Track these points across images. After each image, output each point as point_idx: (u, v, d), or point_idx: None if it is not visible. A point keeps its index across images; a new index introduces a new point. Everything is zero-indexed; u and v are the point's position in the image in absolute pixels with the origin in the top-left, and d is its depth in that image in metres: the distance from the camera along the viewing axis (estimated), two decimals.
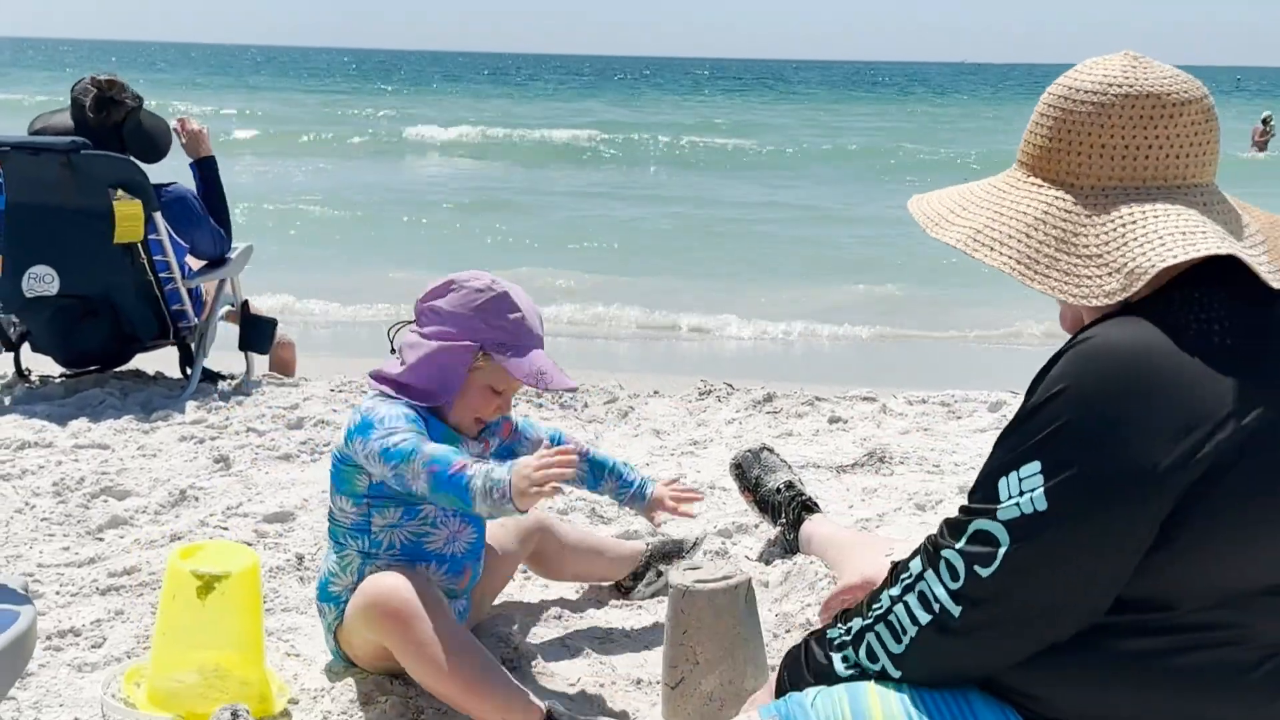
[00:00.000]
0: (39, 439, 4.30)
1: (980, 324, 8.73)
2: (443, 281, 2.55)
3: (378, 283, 9.76)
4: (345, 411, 4.80)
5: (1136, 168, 1.65)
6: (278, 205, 14.47)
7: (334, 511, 2.59)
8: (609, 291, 9.69)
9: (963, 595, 1.61)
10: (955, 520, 1.65)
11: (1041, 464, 1.56)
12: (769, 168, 21.54)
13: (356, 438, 2.45)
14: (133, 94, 4.97)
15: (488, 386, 2.53)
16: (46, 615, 2.88)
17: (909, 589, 1.69)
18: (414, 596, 2.37)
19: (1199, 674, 1.59)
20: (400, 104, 39.73)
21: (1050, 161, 1.71)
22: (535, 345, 2.53)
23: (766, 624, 2.79)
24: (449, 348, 2.49)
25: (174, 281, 5.03)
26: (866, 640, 1.73)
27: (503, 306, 2.50)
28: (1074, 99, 1.69)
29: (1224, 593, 1.57)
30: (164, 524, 3.54)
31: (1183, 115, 1.65)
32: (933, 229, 1.77)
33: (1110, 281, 1.60)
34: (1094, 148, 1.67)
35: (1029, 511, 1.56)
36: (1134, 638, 1.59)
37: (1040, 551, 1.56)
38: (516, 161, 22.19)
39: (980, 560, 1.59)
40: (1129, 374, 1.54)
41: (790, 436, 4.67)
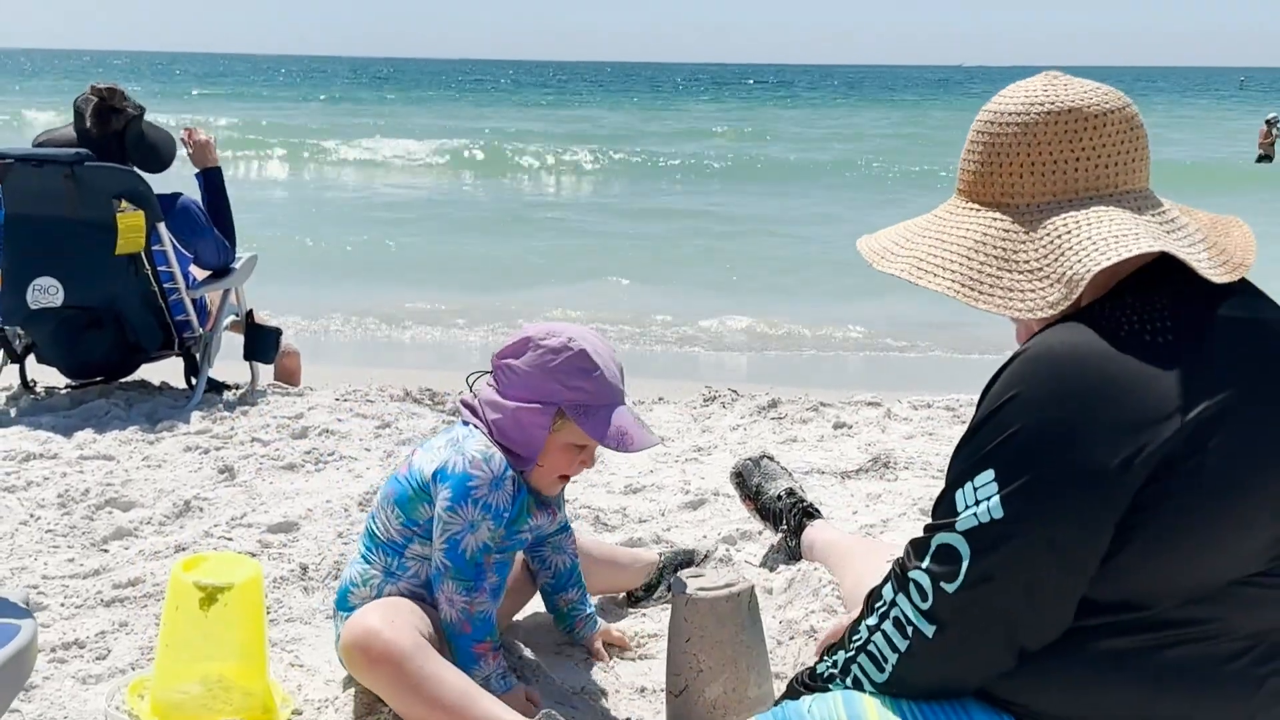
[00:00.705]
0: (44, 450, 4.31)
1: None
2: (520, 338, 2.49)
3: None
4: (350, 421, 4.81)
5: (1067, 181, 1.71)
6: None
7: (377, 523, 2.55)
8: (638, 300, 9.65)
9: (933, 614, 1.64)
10: (919, 539, 1.69)
11: (995, 472, 1.59)
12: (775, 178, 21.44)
13: (446, 487, 2.42)
14: (134, 103, 4.98)
15: (570, 445, 2.49)
16: (51, 627, 2.88)
17: (884, 617, 1.72)
18: (392, 637, 2.32)
19: (1180, 670, 1.60)
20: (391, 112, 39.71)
21: (984, 185, 1.76)
22: (616, 402, 2.47)
23: (770, 631, 2.79)
24: (527, 410, 2.45)
25: (178, 292, 5.04)
26: (852, 672, 1.76)
27: (581, 366, 2.44)
28: (999, 122, 1.75)
29: (1193, 589, 1.59)
30: (168, 535, 3.54)
31: (1105, 125, 1.71)
32: (878, 263, 1.83)
33: (1052, 292, 1.65)
34: (1023, 166, 1.72)
35: (986, 520, 1.59)
36: (1113, 637, 1.61)
37: (1001, 559, 1.58)
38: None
39: (945, 576, 1.62)
40: (1072, 377, 1.58)
41: (795, 442, 4.67)
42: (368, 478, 4.08)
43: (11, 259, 4.86)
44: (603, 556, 3.05)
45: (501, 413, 2.48)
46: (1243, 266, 1.71)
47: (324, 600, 3.10)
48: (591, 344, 2.48)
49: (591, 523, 3.70)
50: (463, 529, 2.42)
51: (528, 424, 2.45)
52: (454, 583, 2.43)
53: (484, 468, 2.43)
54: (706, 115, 41.44)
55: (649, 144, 28.49)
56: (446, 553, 2.43)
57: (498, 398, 2.49)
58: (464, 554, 2.42)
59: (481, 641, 2.45)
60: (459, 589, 2.43)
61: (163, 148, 5.02)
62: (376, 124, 31.17)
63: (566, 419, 2.45)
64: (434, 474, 2.45)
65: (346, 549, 3.40)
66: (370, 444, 4.52)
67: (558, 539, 2.74)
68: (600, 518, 3.73)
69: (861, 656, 1.75)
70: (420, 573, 2.51)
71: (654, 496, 3.97)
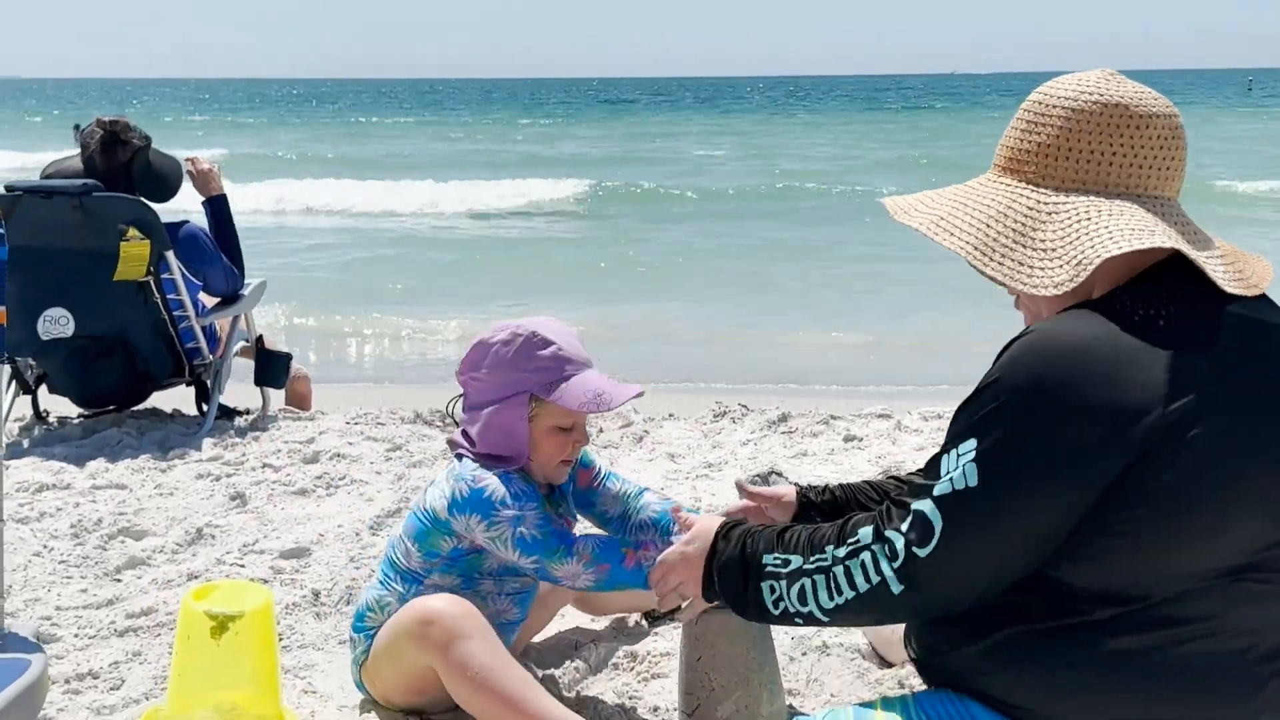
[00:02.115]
0: (57, 480, 4.32)
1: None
2: (472, 347, 2.52)
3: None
4: (361, 444, 4.82)
5: (1100, 173, 1.74)
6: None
7: (397, 552, 2.56)
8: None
9: (902, 574, 1.70)
10: (900, 503, 1.74)
11: (976, 441, 1.65)
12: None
13: (471, 515, 2.42)
14: (140, 133, 5.01)
15: (553, 428, 2.50)
16: (65, 659, 2.89)
17: (854, 554, 1.77)
18: (461, 615, 2.36)
19: (1186, 670, 1.61)
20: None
21: (1020, 162, 1.80)
22: (581, 369, 2.48)
23: (782, 647, 2.79)
24: (501, 408, 2.47)
25: (188, 319, 5.06)
26: (800, 583, 1.82)
27: (534, 345, 2.46)
28: (1047, 103, 1.79)
29: (1190, 577, 1.60)
30: (181, 563, 3.55)
31: (1148, 128, 1.74)
32: (899, 215, 1.88)
33: (1060, 273, 1.68)
34: (1062, 150, 1.76)
35: (960, 487, 1.65)
36: (1119, 636, 1.62)
37: (970, 526, 1.64)
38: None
39: (918, 541, 1.68)
40: (1063, 362, 1.61)
41: (805, 457, 4.67)
42: (379, 501, 4.09)
43: (22, 290, 4.88)
44: None
45: (480, 423, 2.49)
46: (1256, 287, 1.73)
47: (336, 625, 3.10)
48: (541, 324, 2.50)
49: None
50: (512, 528, 2.40)
51: (506, 421, 2.47)
52: (553, 562, 2.38)
53: (485, 476, 2.45)
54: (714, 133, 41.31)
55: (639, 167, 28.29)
56: (523, 552, 2.40)
57: (472, 412, 2.52)
58: (533, 539, 2.39)
59: (622, 559, 2.38)
60: (562, 560, 2.38)
61: (170, 176, 5.05)
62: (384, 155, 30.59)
63: (541, 401, 2.46)
64: (449, 510, 2.46)
65: (358, 574, 3.40)
66: (381, 467, 4.53)
67: (632, 519, 2.70)
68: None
69: (818, 577, 1.80)
70: None
71: None
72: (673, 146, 32.58)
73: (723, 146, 31.81)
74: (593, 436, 5.02)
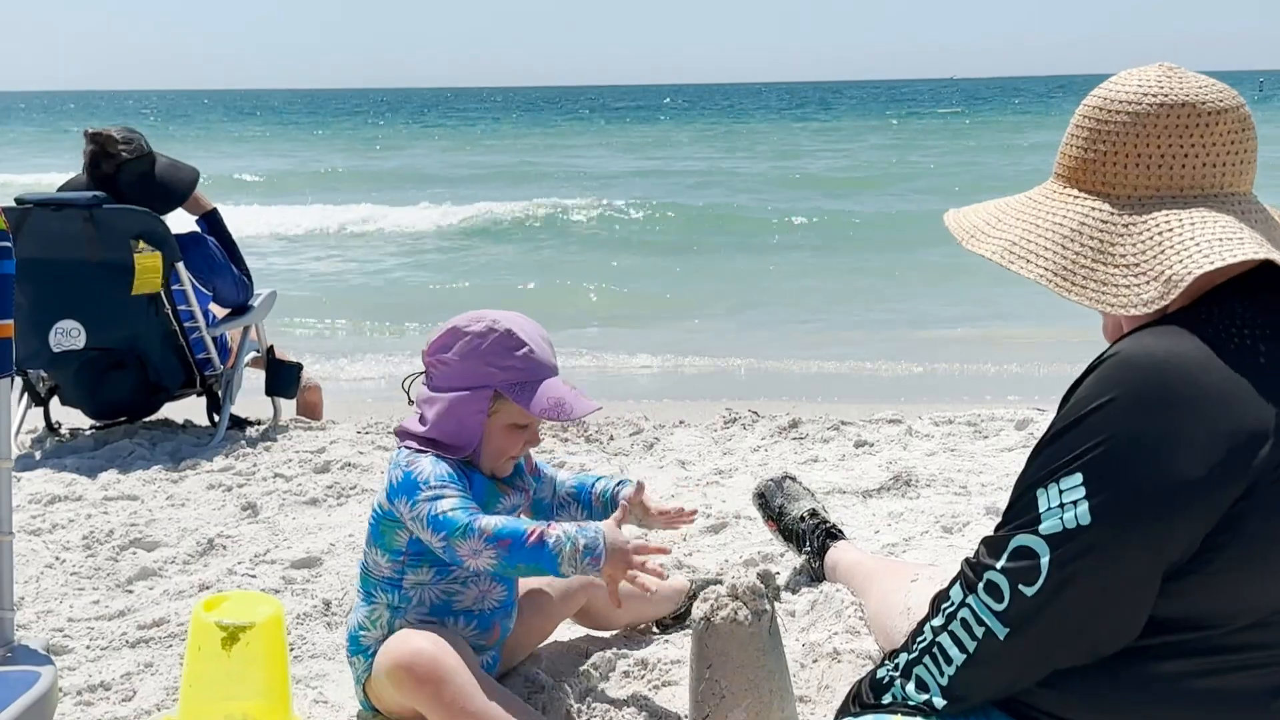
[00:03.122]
0: (69, 492, 4.33)
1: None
2: (445, 330, 2.52)
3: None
4: (372, 454, 4.83)
5: (1173, 176, 1.66)
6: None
7: (367, 563, 2.57)
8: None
9: (1008, 615, 1.60)
10: (995, 538, 1.65)
11: (1084, 476, 1.55)
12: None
13: (401, 498, 2.43)
14: (136, 145, 4.99)
15: (510, 425, 2.52)
16: (77, 670, 2.90)
17: (951, 618, 1.68)
18: (440, 656, 2.36)
19: (1229, 698, 1.58)
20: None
21: (1086, 172, 1.72)
22: (547, 375, 2.50)
23: (793, 654, 2.78)
24: (463, 398, 2.48)
25: (199, 330, 5.07)
26: (915, 674, 1.73)
27: (508, 344, 2.47)
28: (1109, 109, 1.70)
29: (1261, 611, 1.56)
30: (193, 574, 3.56)
31: (1218, 124, 1.66)
32: (969, 242, 1.79)
33: (1148, 290, 1.60)
34: (1130, 157, 1.67)
35: (1072, 526, 1.55)
36: (1169, 660, 1.58)
37: (1085, 566, 1.55)
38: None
39: (1024, 578, 1.59)
40: (1171, 386, 1.54)
41: (816, 462, 4.66)
42: None
43: (33, 303, 4.90)
44: (629, 589, 3.03)
45: (438, 405, 2.49)
46: None
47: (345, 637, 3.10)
48: (517, 323, 2.50)
49: None
50: (429, 505, 2.39)
51: (463, 412, 2.47)
52: (458, 540, 2.35)
53: (418, 460, 2.46)
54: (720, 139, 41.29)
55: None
56: (433, 529, 2.38)
57: (432, 393, 2.52)
58: (443, 518, 2.37)
59: (525, 535, 2.35)
60: (465, 537, 2.35)
61: (174, 186, 5.04)
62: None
63: (503, 400, 2.47)
64: (387, 497, 2.48)
65: None
66: None
67: (557, 496, 2.74)
68: None
69: (926, 658, 1.71)
70: (425, 599, 2.52)
71: None
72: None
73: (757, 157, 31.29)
74: (603, 445, 5.02)
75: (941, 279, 11.46)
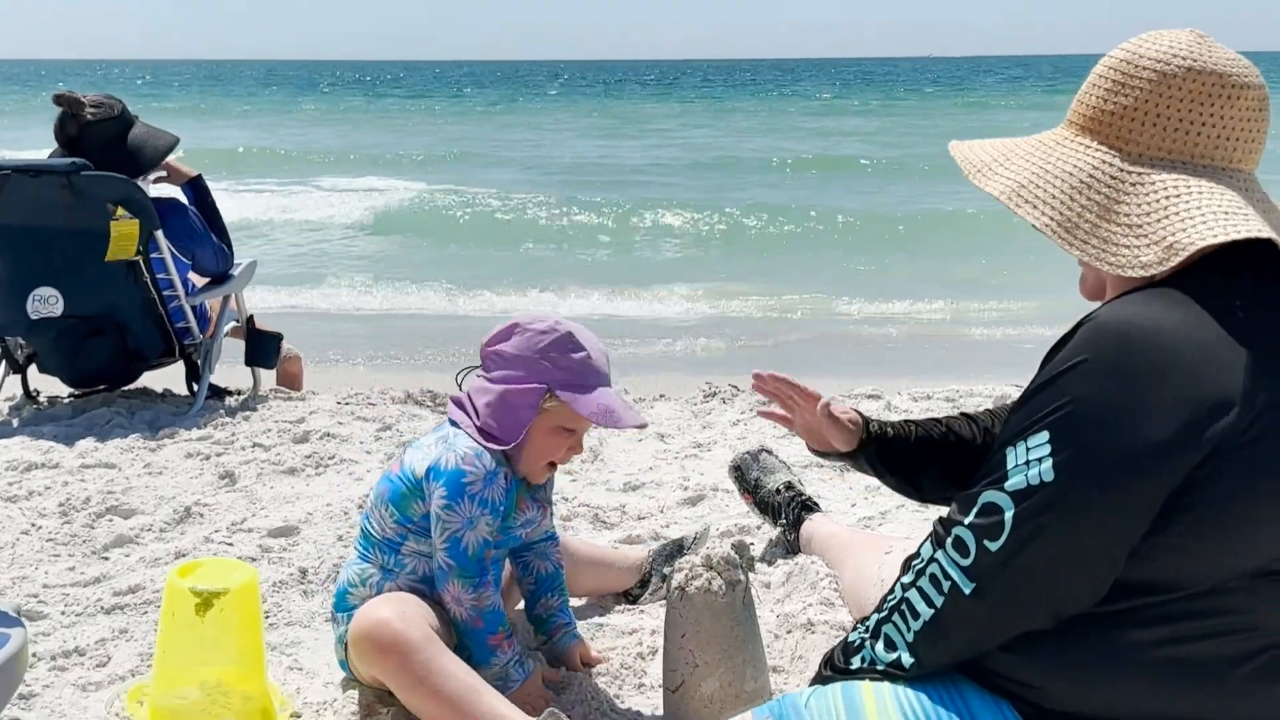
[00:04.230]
0: (46, 460, 4.32)
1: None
2: (507, 325, 2.53)
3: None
4: (351, 424, 4.82)
5: (1187, 143, 1.68)
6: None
7: (371, 520, 2.57)
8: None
9: (973, 571, 1.63)
10: (966, 495, 1.67)
11: (1050, 434, 1.58)
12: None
13: (441, 487, 2.44)
14: (105, 109, 4.92)
15: (558, 427, 2.51)
16: (51, 636, 2.89)
17: (920, 574, 1.71)
18: (404, 629, 2.35)
19: (1194, 666, 1.59)
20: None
21: (1103, 124, 1.73)
22: (602, 383, 2.51)
23: (768, 625, 2.80)
24: (517, 391, 2.48)
25: (178, 299, 5.05)
26: (884, 633, 1.75)
27: (567, 346, 2.48)
28: (1136, 64, 1.71)
29: (1226, 573, 1.58)
30: (169, 541, 3.55)
31: (1241, 99, 1.68)
32: (976, 177, 1.80)
33: (1147, 253, 1.62)
34: (1149, 115, 1.69)
35: (1035, 483, 1.58)
36: (1128, 627, 1.60)
37: (1046, 523, 1.57)
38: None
39: (989, 533, 1.61)
40: (1144, 353, 1.55)
41: (794, 436, 4.65)
42: (368, 480, 4.09)
43: (11, 270, 4.88)
44: (591, 558, 3.06)
45: (490, 395, 2.50)
46: None
47: (323, 604, 3.11)
48: (577, 328, 2.53)
49: (590, 520, 3.71)
50: (462, 526, 2.44)
51: (516, 403, 2.48)
52: (459, 581, 2.45)
53: (476, 463, 2.45)
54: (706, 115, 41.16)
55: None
56: (449, 551, 2.45)
57: (486, 383, 2.53)
58: (466, 551, 2.45)
59: (494, 634, 2.49)
60: (465, 586, 2.46)
61: (143, 151, 4.97)
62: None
63: (555, 399, 2.48)
64: (427, 471, 2.48)
65: (346, 552, 3.40)
66: (371, 446, 4.53)
67: (543, 546, 2.73)
68: (599, 515, 3.74)
69: (895, 616, 1.73)
70: (418, 569, 2.53)
71: (653, 493, 3.98)
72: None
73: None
74: None
75: (923, 255, 11.48)
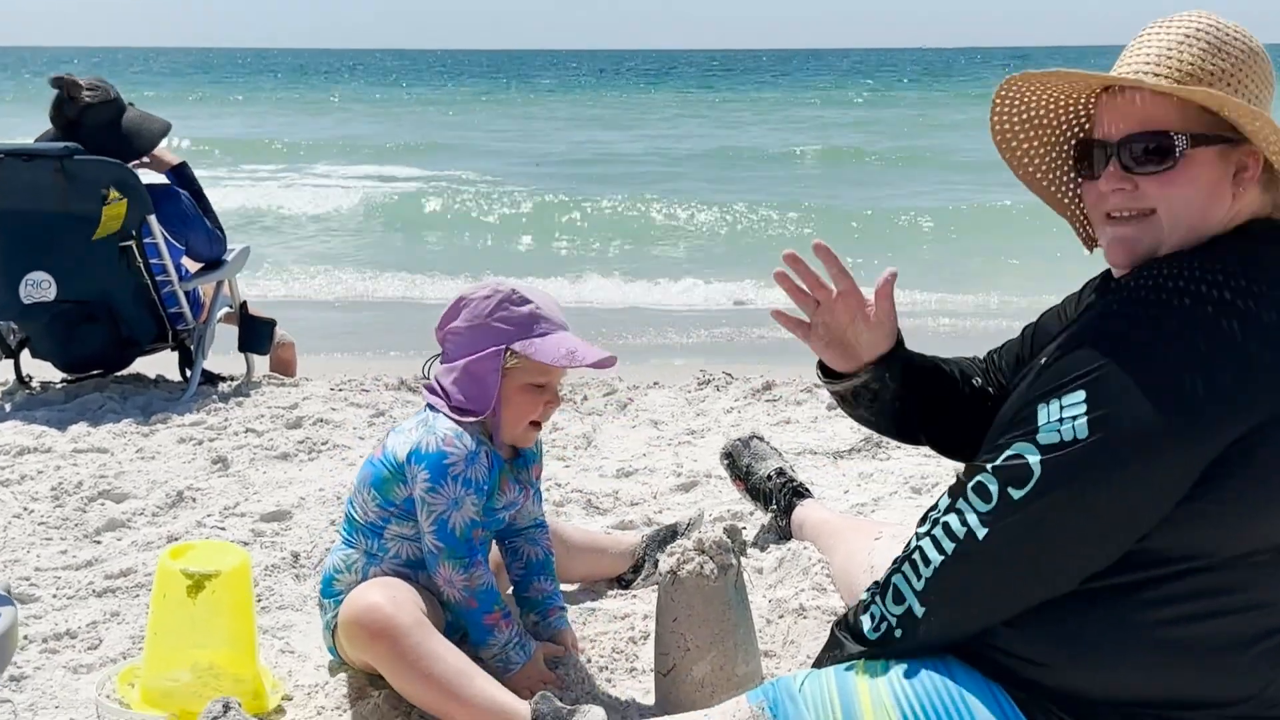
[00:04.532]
0: (38, 444, 4.31)
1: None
2: (452, 303, 2.54)
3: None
4: (345, 410, 4.82)
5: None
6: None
7: (354, 505, 2.58)
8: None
9: (990, 516, 1.62)
10: (992, 445, 1.67)
11: (1086, 394, 1.58)
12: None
13: (424, 470, 2.44)
14: (101, 92, 4.91)
15: (528, 384, 2.51)
16: (43, 619, 2.89)
17: (935, 523, 1.71)
18: (395, 614, 2.35)
19: (1200, 643, 1.60)
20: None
21: (1199, 81, 1.73)
22: (557, 329, 2.50)
23: (760, 610, 2.80)
24: (477, 359, 2.48)
25: (171, 284, 5.04)
26: (893, 584, 1.75)
27: (512, 301, 2.48)
28: (1225, 34, 1.78)
29: (1253, 545, 1.59)
30: (161, 525, 3.55)
31: (1274, 86, 1.80)
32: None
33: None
34: (1240, 83, 1.74)
35: (1069, 439, 1.58)
36: (1145, 603, 1.60)
37: (1074, 479, 1.58)
38: None
39: (1014, 480, 1.61)
40: (1188, 320, 1.57)
41: (788, 424, 4.67)
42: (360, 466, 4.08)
43: (3, 254, 4.87)
44: (584, 544, 3.06)
45: (455, 372, 2.51)
46: None
47: (315, 587, 3.09)
48: (521, 284, 2.54)
49: (583, 506, 3.71)
50: (447, 507, 2.44)
51: (479, 371, 2.48)
52: (450, 563, 2.46)
53: (457, 444, 2.45)
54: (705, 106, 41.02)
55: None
56: (437, 534, 2.45)
57: (448, 364, 2.53)
58: (453, 532, 2.45)
59: (490, 612, 2.49)
60: (456, 568, 2.46)
61: (139, 136, 4.97)
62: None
63: (516, 356, 2.47)
64: (409, 455, 2.47)
65: (338, 537, 3.40)
66: (364, 432, 4.53)
67: (533, 532, 2.73)
68: (592, 501, 3.74)
69: (905, 566, 1.73)
70: (402, 552, 2.53)
71: (646, 480, 3.98)
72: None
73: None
74: (577, 404, 5.02)
75: (919, 242, 11.48)
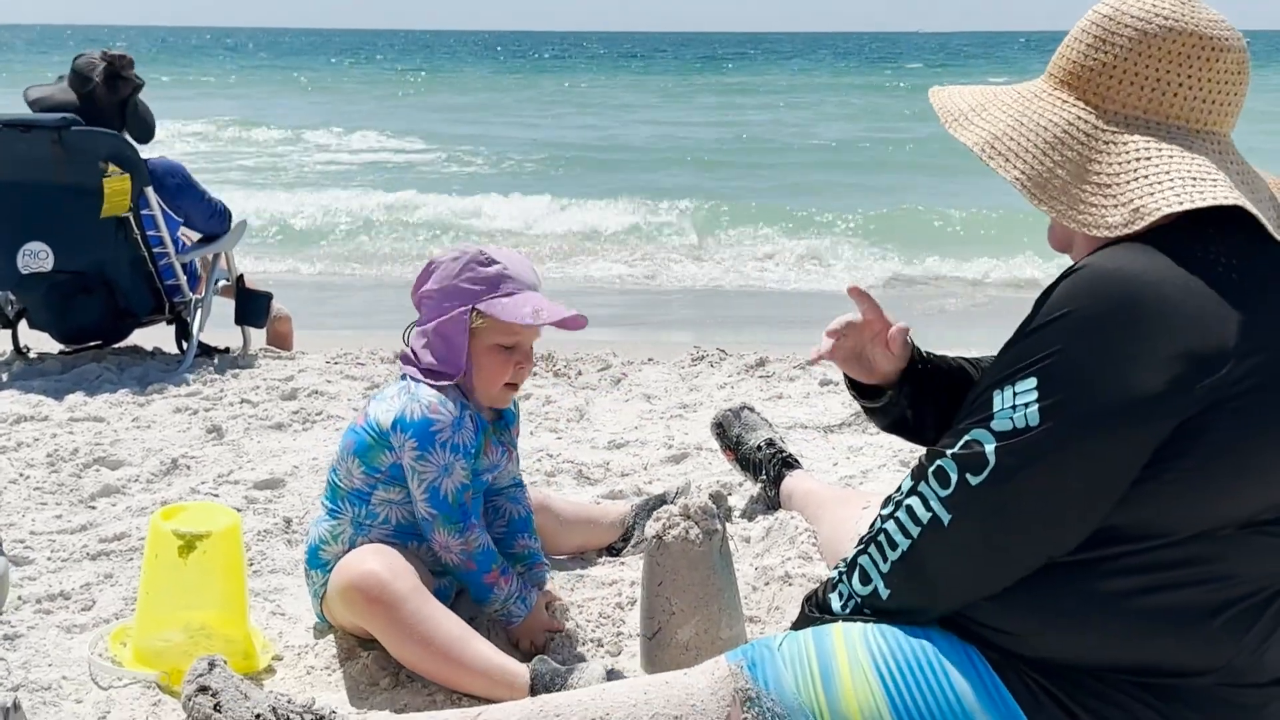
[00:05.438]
0: (35, 413, 4.34)
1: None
2: (424, 267, 2.57)
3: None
4: (340, 383, 4.84)
5: (1163, 103, 1.68)
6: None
7: (338, 473, 2.59)
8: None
9: (950, 501, 1.65)
10: (951, 430, 1.69)
11: (1037, 381, 1.59)
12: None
13: (411, 438, 2.47)
14: (136, 74, 5.05)
15: (496, 345, 2.52)
16: (37, 580, 2.92)
17: (898, 506, 1.73)
18: (392, 580, 2.38)
19: (1167, 614, 1.61)
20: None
21: (1082, 79, 1.73)
22: (526, 289, 2.51)
23: (747, 577, 2.83)
24: (444, 320, 2.50)
25: (167, 256, 5.06)
26: (859, 565, 1.77)
27: (480, 261, 2.50)
28: (1118, 21, 1.71)
29: (1214, 522, 1.59)
30: (155, 492, 3.58)
31: (1220, 61, 1.68)
32: (953, 126, 1.80)
33: (1114, 214, 1.63)
34: (1127, 74, 1.69)
35: (1021, 425, 1.60)
36: (1111, 575, 1.61)
37: (1028, 465, 1.59)
38: None
39: (972, 467, 1.63)
40: (1134, 304, 1.56)
41: (781, 399, 4.70)
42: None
43: (1, 224, 4.88)
44: (575, 516, 3.09)
45: (426, 336, 2.54)
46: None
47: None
48: (492, 247, 2.57)
49: (574, 476, 3.74)
50: (438, 474, 2.47)
51: (447, 333, 2.51)
52: (445, 528, 2.49)
53: (442, 410, 2.48)
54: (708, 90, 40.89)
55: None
56: (429, 501, 2.48)
57: (420, 327, 2.56)
58: (445, 498, 2.48)
59: (489, 571, 2.54)
60: (451, 533, 2.50)
61: (152, 121, 5.15)
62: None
63: (483, 316, 2.49)
64: (394, 423, 2.49)
65: None
66: (358, 404, 4.55)
67: (513, 490, 2.76)
68: (583, 472, 3.77)
69: (870, 548, 1.75)
70: (390, 518, 2.55)
71: (637, 451, 4.00)
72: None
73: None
74: (571, 379, 5.04)
75: (913, 229, 11.50)
